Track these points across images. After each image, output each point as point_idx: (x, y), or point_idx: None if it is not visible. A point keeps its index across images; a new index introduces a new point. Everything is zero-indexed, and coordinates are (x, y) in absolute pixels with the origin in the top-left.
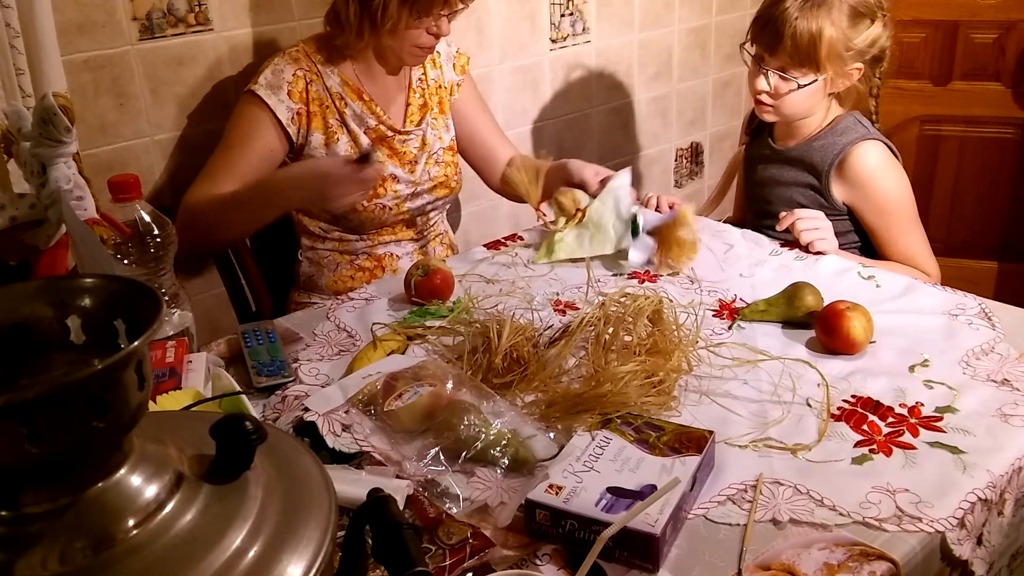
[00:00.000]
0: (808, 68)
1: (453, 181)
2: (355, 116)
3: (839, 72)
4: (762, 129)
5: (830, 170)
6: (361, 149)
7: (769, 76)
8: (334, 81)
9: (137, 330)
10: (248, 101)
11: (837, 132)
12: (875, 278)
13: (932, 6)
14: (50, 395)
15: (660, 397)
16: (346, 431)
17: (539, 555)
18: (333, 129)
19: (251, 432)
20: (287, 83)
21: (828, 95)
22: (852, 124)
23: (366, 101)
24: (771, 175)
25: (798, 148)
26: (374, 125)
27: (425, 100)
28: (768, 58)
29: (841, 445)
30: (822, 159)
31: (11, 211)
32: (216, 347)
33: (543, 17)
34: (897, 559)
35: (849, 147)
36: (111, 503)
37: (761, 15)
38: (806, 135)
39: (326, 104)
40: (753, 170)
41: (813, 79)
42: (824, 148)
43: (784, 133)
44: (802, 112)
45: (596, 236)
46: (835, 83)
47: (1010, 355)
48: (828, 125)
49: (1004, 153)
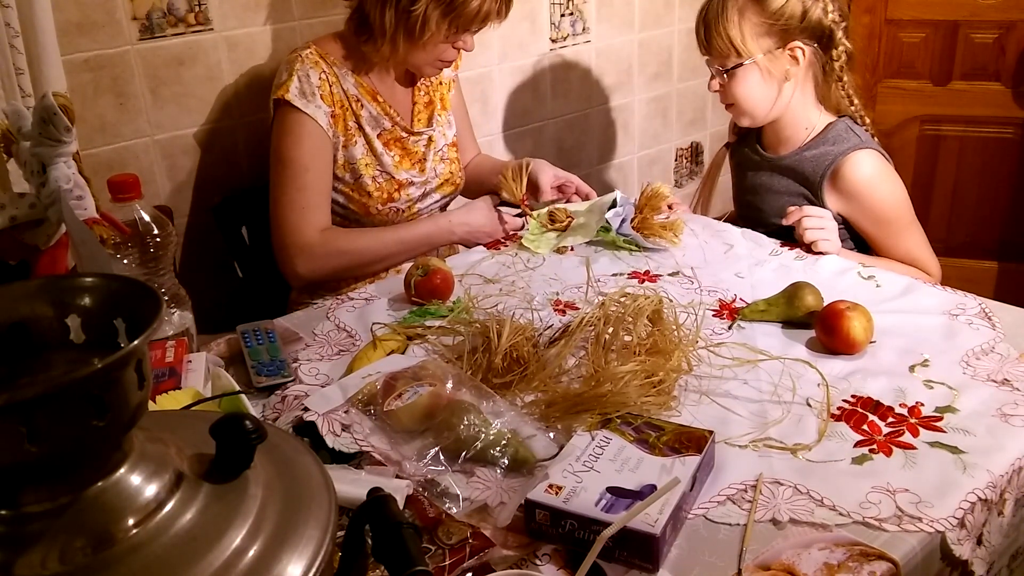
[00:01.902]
0: (732, 57)
1: (457, 178)
2: (370, 118)
3: (771, 54)
4: (749, 132)
5: (822, 181)
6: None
7: (714, 75)
8: (349, 83)
9: (137, 329)
10: (289, 113)
11: (828, 141)
12: (875, 278)
13: (932, 6)
14: (50, 394)
15: (660, 397)
16: (346, 431)
17: (539, 555)
18: (352, 132)
19: (251, 431)
20: (317, 88)
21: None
22: (843, 132)
23: (380, 102)
24: (762, 182)
25: (789, 157)
26: (389, 127)
27: (431, 98)
28: (708, 59)
29: (841, 445)
30: (814, 170)
31: (11, 210)
32: (216, 347)
33: (543, 17)
34: (897, 559)
35: (841, 158)
36: (111, 502)
37: (695, 23)
38: (796, 144)
39: (345, 106)
40: (743, 176)
41: (738, 63)
42: (816, 159)
43: (773, 140)
44: (761, 104)
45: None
46: (775, 66)
47: (1010, 355)
48: (819, 134)
49: (1004, 153)
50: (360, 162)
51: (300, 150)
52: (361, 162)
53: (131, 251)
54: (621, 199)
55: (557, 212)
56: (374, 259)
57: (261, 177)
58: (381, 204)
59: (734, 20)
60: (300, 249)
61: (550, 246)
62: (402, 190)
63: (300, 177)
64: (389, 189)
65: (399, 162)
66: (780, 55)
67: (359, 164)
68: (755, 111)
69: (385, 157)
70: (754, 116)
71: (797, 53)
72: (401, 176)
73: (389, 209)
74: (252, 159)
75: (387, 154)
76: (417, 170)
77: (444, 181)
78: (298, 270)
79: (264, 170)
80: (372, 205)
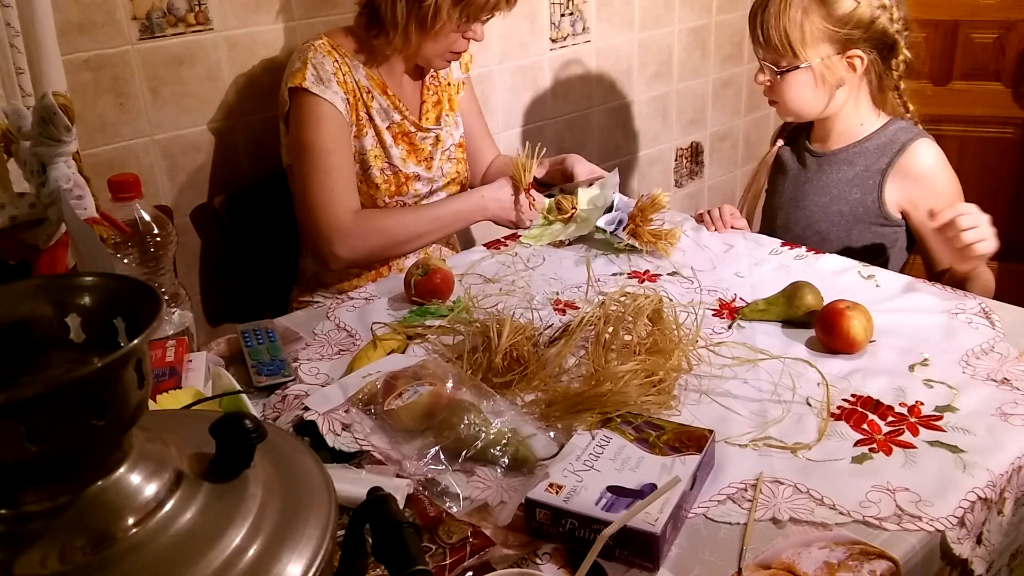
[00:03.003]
0: (787, 56)
1: (463, 178)
2: (381, 110)
3: (828, 60)
4: (798, 134)
5: (889, 167)
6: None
7: (764, 69)
8: (361, 74)
9: (137, 328)
10: (307, 100)
11: (889, 134)
12: (875, 277)
13: (932, 6)
14: (49, 393)
15: (660, 396)
16: (346, 430)
17: (539, 554)
18: (363, 122)
19: (251, 431)
20: (332, 75)
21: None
22: (906, 125)
23: (390, 96)
24: (809, 179)
25: (847, 150)
26: (399, 120)
27: (439, 98)
28: (761, 51)
29: (841, 444)
30: (878, 157)
31: (11, 210)
32: (216, 347)
33: (543, 17)
34: (897, 558)
35: (909, 143)
36: (110, 501)
37: (750, 10)
38: (852, 139)
39: (357, 96)
40: (784, 177)
41: (793, 66)
42: (880, 147)
43: (824, 136)
44: (808, 106)
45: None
46: (830, 73)
47: (1010, 354)
48: (877, 131)
49: (1004, 153)
50: (370, 153)
51: (322, 134)
52: (371, 153)
53: (131, 251)
54: (619, 202)
55: (563, 201)
56: (410, 237)
57: (261, 177)
58: (388, 197)
59: (796, 19)
60: (337, 231)
61: (553, 238)
62: (409, 184)
63: (326, 160)
64: (396, 182)
65: (406, 157)
66: (838, 62)
67: (368, 155)
68: (801, 113)
69: (393, 150)
70: (800, 117)
71: (855, 62)
72: (409, 170)
73: (396, 203)
74: (252, 159)
75: (395, 147)
76: (424, 167)
77: (451, 180)
78: (338, 252)
79: (264, 170)
80: (379, 198)
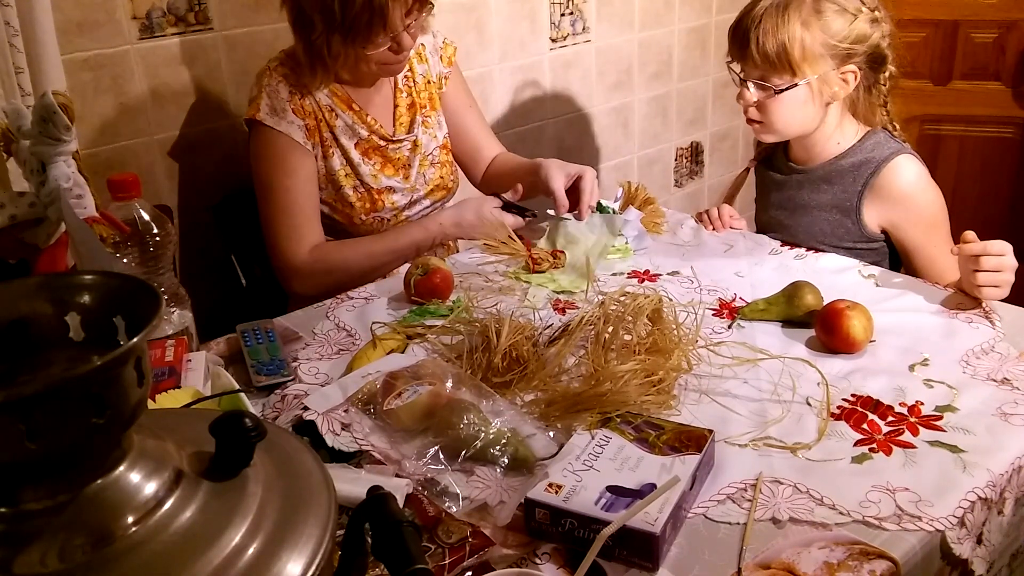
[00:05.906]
0: (784, 73)
1: (450, 181)
2: (346, 128)
3: (824, 76)
4: (773, 152)
5: (864, 189)
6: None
7: (750, 87)
8: (322, 93)
9: (136, 327)
10: (262, 134)
11: (867, 149)
12: (875, 277)
13: (932, 6)
14: (49, 392)
15: (660, 396)
16: (345, 430)
17: (539, 554)
18: (328, 143)
19: (250, 429)
20: (287, 102)
21: (825, 105)
22: (883, 140)
23: (356, 111)
24: (790, 197)
25: (823, 168)
26: (366, 136)
27: (414, 99)
28: (747, 69)
29: (841, 444)
30: (854, 179)
31: (11, 209)
32: (216, 346)
33: (543, 16)
34: (897, 558)
35: (884, 164)
36: (110, 500)
37: (732, 26)
38: (829, 155)
39: (319, 117)
40: (767, 195)
41: (791, 84)
42: (855, 167)
43: (802, 153)
44: (796, 125)
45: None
46: (825, 89)
47: (1010, 354)
48: (855, 144)
49: (1004, 153)
50: (339, 173)
51: (278, 172)
52: (339, 173)
53: (131, 250)
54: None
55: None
56: (366, 270)
57: None
58: (364, 214)
59: (795, 34)
60: (292, 271)
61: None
62: (384, 199)
63: (283, 198)
64: (370, 199)
65: (380, 170)
66: (834, 77)
67: (338, 175)
68: (788, 133)
69: (362, 167)
70: (782, 134)
71: (849, 77)
72: (381, 184)
73: (373, 219)
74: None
75: (364, 163)
76: (401, 177)
77: (434, 187)
78: (295, 289)
79: None
80: (355, 215)
